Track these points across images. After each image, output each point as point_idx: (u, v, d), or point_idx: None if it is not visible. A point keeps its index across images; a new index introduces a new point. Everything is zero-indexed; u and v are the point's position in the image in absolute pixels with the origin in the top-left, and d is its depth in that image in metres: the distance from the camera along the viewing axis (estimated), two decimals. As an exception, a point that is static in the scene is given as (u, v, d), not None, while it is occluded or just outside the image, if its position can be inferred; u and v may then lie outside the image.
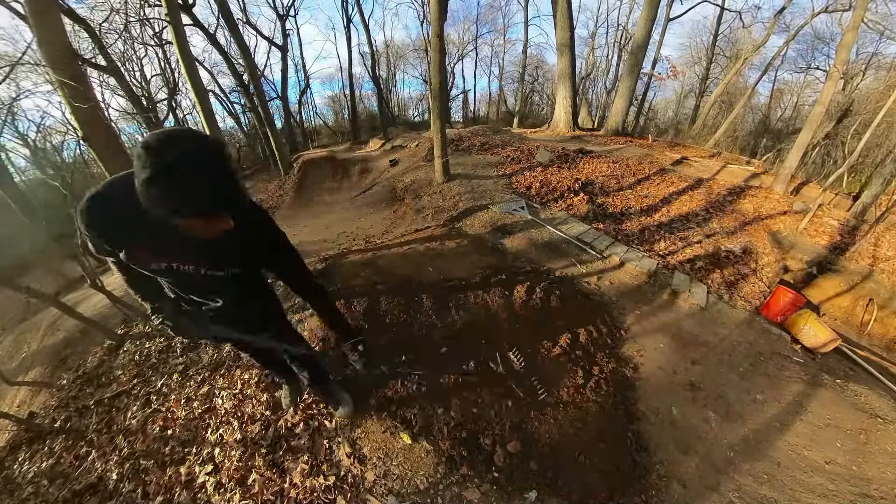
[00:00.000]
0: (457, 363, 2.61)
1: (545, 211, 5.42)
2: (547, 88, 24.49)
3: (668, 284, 4.13)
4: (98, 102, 3.16)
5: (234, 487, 2.00)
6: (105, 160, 3.09)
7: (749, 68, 16.40)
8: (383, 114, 20.19)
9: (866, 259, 5.21)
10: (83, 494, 2.22)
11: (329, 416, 2.29)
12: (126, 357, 3.40)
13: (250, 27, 15.24)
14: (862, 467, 2.39)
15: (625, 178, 6.79)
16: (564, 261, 4.24)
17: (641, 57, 11.11)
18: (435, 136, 6.17)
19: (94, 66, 9.89)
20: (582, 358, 2.87)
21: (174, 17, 3.08)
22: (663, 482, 2.14)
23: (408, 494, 1.91)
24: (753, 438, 2.51)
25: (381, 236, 5.24)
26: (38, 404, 3.23)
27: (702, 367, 3.05)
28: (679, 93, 22.56)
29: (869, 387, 3.18)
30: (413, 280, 3.41)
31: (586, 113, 14.37)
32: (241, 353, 2.60)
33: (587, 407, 2.46)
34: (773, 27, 13.16)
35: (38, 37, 2.71)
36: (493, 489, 1.96)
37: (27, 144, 14.57)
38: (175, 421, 2.55)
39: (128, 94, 11.98)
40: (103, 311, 4.10)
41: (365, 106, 24.20)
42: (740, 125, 17.04)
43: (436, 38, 5.32)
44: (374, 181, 8.99)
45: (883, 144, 10.05)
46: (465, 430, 2.20)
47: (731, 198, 6.39)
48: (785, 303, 3.97)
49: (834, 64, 6.80)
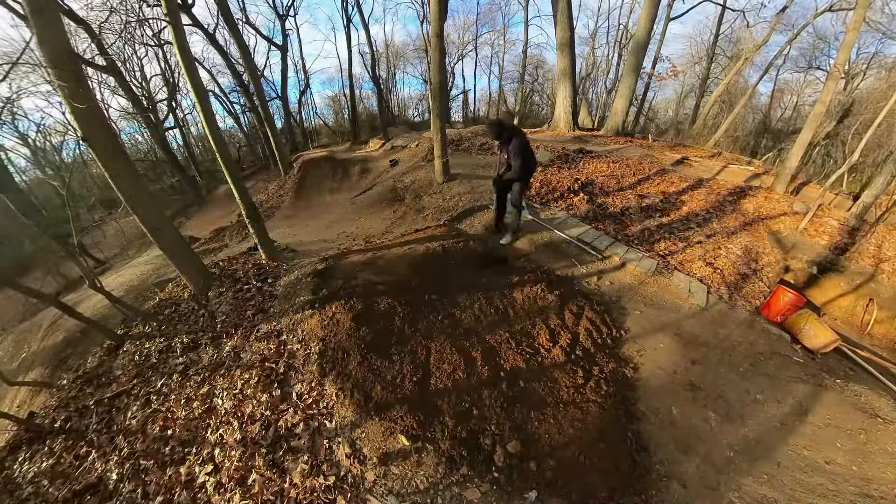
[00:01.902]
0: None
1: (545, 211, 5.42)
2: (547, 88, 24.48)
3: (668, 285, 4.13)
4: (98, 102, 3.15)
5: (234, 487, 2.00)
6: (104, 160, 3.08)
7: (750, 68, 16.40)
8: (383, 114, 20.19)
9: (867, 259, 5.20)
10: (83, 494, 2.22)
11: (329, 416, 2.30)
12: (126, 357, 3.40)
13: (250, 27, 15.23)
14: (862, 467, 2.39)
15: (625, 178, 6.78)
16: (565, 261, 4.24)
17: (642, 56, 11.09)
18: (435, 136, 6.17)
19: (94, 66, 9.90)
20: (582, 358, 2.87)
21: (174, 17, 3.07)
22: (663, 482, 2.14)
23: (408, 494, 1.91)
24: (753, 438, 2.51)
25: (382, 236, 5.24)
26: (38, 404, 3.23)
27: (702, 367, 3.04)
28: (679, 93, 22.55)
29: (869, 387, 3.17)
30: (413, 280, 3.41)
31: (586, 113, 14.35)
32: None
33: (587, 407, 2.45)
34: (774, 26, 13.16)
35: (38, 36, 2.70)
36: (493, 489, 1.96)
37: (27, 144, 14.57)
38: (175, 421, 2.55)
39: (128, 94, 12.00)
40: (103, 311, 4.10)
41: (365, 106, 24.20)
42: (741, 125, 17.04)
43: (436, 38, 5.32)
44: (374, 181, 8.99)
45: (884, 144, 10.04)
46: (465, 430, 2.20)
47: (731, 198, 6.38)
48: (785, 303, 3.96)
49: (835, 63, 6.80)
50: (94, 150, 3.00)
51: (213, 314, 3.57)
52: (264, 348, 2.93)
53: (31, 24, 2.70)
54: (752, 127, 19.20)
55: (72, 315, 3.45)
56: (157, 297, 4.19)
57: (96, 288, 3.59)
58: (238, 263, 4.43)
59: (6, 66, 3.68)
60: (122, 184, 3.23)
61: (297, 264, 4.14)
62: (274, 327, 3.13)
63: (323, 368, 2.59)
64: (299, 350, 2.82)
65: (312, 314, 3.08)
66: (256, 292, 3.70)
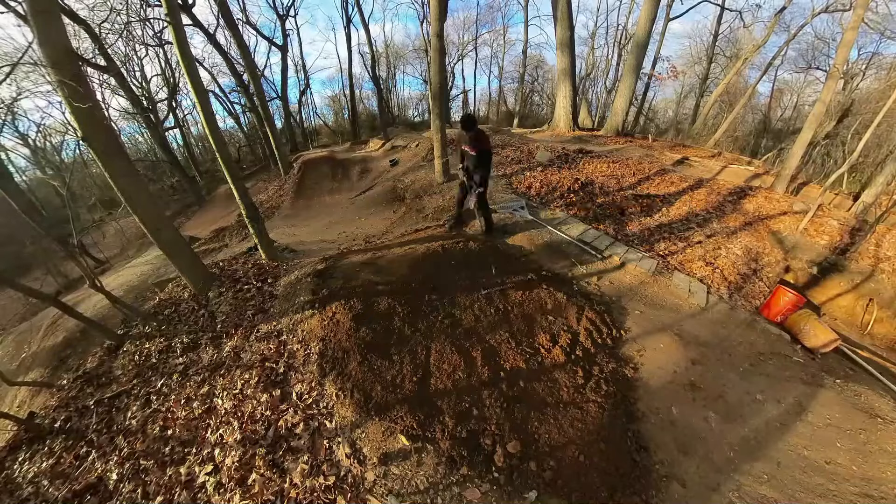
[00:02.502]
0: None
1: (545, 211, 5.42)
2: (547, 88, 24.48)
3: (668, 284, 4.13)
4: (98, 102, 3.15)
5: (234, 487, 2.00)
6: (104, 160, 3.08)
7: (749, 68, 16.40)
8: (383, 114, 20.18)
9: (867, 259, 5.20)
10: (83, 494, 2.22)
11: (329, 416, 2.30)
12: (126, 357, 3.40)
13: (250, 27, 15.23)
14: (862, 467, 2.39)
15: (625, 178, 6.78)
16: (565, 261, 4.23)
17: (642, 55, 11.09)
18: (435, 137, 6.17)
19: (95, 66, 9.89)
20: (582, 358, 2.87)
21: (174, 17, 3.07)
22: (663, 482, 2.14)
23: (408, 494, 1.91)
24: (753, 438, 2.51)
25: (382, 236, 5.24)
26: (38, 404, 3.23)
27: (702, 367, 3.04)
28: (679, 93, 22.54)
29: (869, 387, 3.17)
30: (413, 280, 3.41)
31: (586, 113, 14.35)
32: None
33: (587, 407, 2.45)
34: (773, 27, 13.16)
35: (39, 37, 2.71)
36: (493, 489, 1.96)
37: (27, 144, 14.57)
38: (175, 421, 2.55)
39: (128, 94, 11.99)
40: (103, 311, 4.10)
41: (365, 106, 24.19)
42: (740, 125, 17.05)
43: (436, 38, 5.32)
44: (374, 181, 8.99)
45: (883, 144, 10.04)
46: (465, 430, 2.20)
47: (731, 198, 6.38)
48: (785, 303, 3.96)
49: (834, 63, 6.80)
50: (95, 150, 3.00)
51: (213, 314, 3.57)
52: (264, 348, 2.93)
53: (31, 25, 2.70)
54: (752, 127, 19.20)
55: (72, 315, 3.45)
56: (157, 297, 4.19)
57: (96, 288, 3.59)
58: (238, 263, 4.43)
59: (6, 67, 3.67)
60: (122, 184, 3.23)
61: (297, 264, 4.14)
62: (274, 327, 3.13)
63: (323, 368, 2.59)
64: (299, 350, 2.82)
65: (312, 314, 3.08)
66: (256, 292, 3.70)
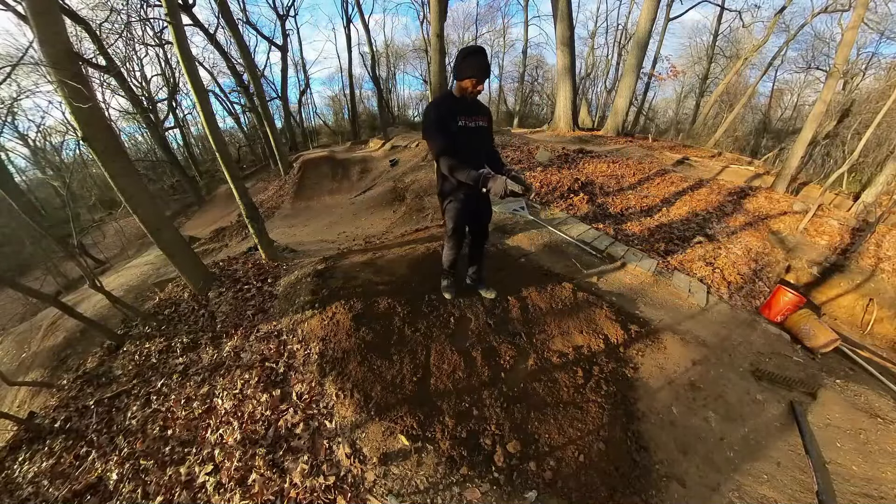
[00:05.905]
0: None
1: (545, 211, 5.42)
2: (547, 88, 24.50)
3: (668, 285, 4.13)
4: (98, 102, 3.15)
5: (234, 487, 2.00)
6: (104, 160, 3.08)
7: (749, 68, 16.41)
8: (383, 114, 20.19)
9: (867, 259, 5.20)
10: (83, 494, 2.22)
11: (329, 416, 2.30)
12: (126, 357, 3.40)
13: (250, 27, 15.26)
14: (862, 467, 2.39)
15: (625, 178, 6.78)
16: (565, 261, 4.23)
17: (642, 55, 11.10)
18: (435, 136, 6.16)
19: (95, 66, 9.90)
20: (582, 358, 2.87)
21: (174, 17, 3.07)
22: (663, 482, 2.14)
23: (408, 494, 1.91)
24: (753, 438, 2.51)
25: (382, 236, 5.24)
26: (38, 404, 3.23)
27: (702, 367, 3.04)
28: (679, 93, 22.56)
29: (869, 387, 3.17)
30: (413, 279, 3.41)
31: (586, 112, 14.36)
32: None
33: (587, 407, 2.45)
34: (773, 27, 13.16)
35: (39, 37, 2.71)
36: (493, 489, 1.96)
37: (27, 144, 14.58)
38: (175, 421, 2.55)
39: (128, 94, 12.00)
40: (103, 311, 4.11)
41: (365, 106, 24.22)
42: (740, 125, 17.05)
43: (436, 38, 5.33)
44: (374, 181, 9.00)
45: (883, 144, 10.04)
46: (465, 430, 2.20)
47: (731, 198, 6.38)
48: (785, 303, 3.96)
49: (835, 63, 6.80)
50: (95, 150, 3.00)
51: (213, 314, 3.57)
52: (264, 348, 2.93)
53: (31, 25, 2.70)
54: (753, 127, 19.21)
55: (72, 315, 3.45)
56: (157, 297, 4.20)
57: (96, 288, 3.59)
58: (238, 263, 4.43)
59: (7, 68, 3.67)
60: (122, 184, 3.23)
61: (297, 264, 4.14)
62: (274, 327, 3.13)
63: (323, 368, 2.59)
64: (299, 350, 2.82)
65: (312, 314, 3.08)
66: (256, 292, 3.70)
